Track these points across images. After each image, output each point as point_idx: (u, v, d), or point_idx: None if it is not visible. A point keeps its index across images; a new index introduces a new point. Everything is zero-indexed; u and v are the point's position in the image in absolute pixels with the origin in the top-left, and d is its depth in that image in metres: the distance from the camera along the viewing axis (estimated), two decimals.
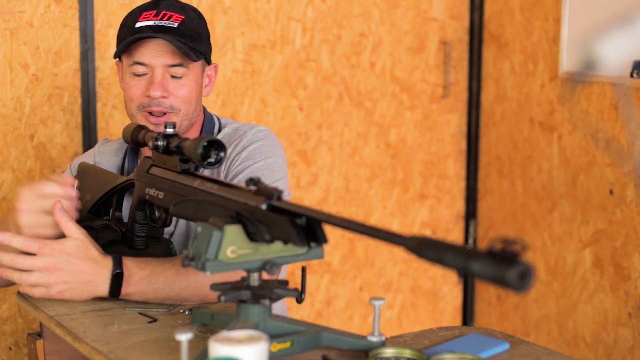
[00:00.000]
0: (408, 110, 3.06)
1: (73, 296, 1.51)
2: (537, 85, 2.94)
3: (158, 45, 1.77)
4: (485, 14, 3.11)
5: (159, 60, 1.77)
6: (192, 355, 1.25)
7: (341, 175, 2.94)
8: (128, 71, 1.80)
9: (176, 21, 1.78)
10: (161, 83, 1.77)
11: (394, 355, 1.30)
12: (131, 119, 1.83)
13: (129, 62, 1.79)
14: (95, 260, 1.51)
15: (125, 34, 1.79)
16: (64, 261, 1.49)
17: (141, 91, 1.79)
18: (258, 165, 1.79)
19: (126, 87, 1.81)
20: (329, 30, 2.83)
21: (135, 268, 1.53)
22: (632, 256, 2.63)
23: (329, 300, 2.97)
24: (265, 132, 1.87)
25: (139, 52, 1.78)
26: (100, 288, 1.51)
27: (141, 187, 1.61)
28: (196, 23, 1.82)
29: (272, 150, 1.83)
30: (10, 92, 2.31)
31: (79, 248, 1.50)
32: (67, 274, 1.49)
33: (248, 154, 1.81)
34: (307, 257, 1.28)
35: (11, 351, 2.38)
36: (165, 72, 1.78)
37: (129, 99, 1.81)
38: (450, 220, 3.22)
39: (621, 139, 2.61)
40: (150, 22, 1.77)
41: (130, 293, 1.53)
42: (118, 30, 1.84)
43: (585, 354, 2.81)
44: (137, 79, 1.79)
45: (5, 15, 2.28)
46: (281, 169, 1.83)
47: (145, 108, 1.78)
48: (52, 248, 1.49)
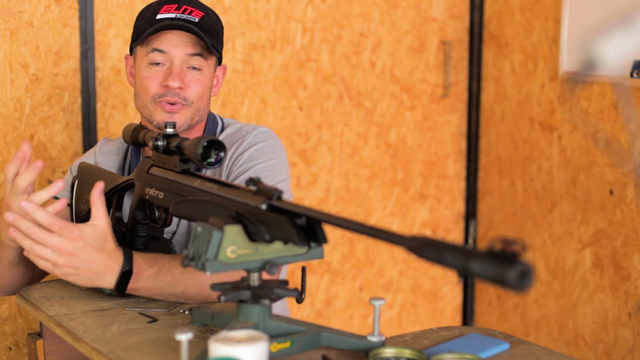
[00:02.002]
0: (408, 110, 3.06)
1: (76, 281, 1.51)
2: (537, 85, 2.94)
3: (179, 36, 1.79)
4: (485, 14, 3.11)
5: (179, 49, 1.78)
6: (192, 355, 1.25)
7: (341, 175, 2.94)
8: (145, 60, 1.80)
9: (197, 16, 1.80)
10: (180, 74, 1.78)
11: (394, 355, 1.30)
12: (143, 111, 1.82)
13: (147, 51, 1.80)
14: (109, 253, 1.50)
15: (144, 25, 1.80)
16: (79, 248, 1.47)
17: (158, 81, 1.79)
18: (260, 167, 1.79)
19: (141, 77, 1.81)
20: (329, 30, 2.83)
21: (144, 265, 1.53)
22: (632, 256, 2.63)
23: (329, 300, 2.97)
24: (268, 133, 1.87)
25: (159, 41, 1.79)
26: (107, 281, 1.51)
27: (141, 187, 1.61)
28: (215, 21, 1.85)
29: (274, 152, 1.83)
30: (10, 92, 2.31)
31: (98, 238, 1.49)
32: (78, 261, 1.48)
33: (250, 155, 1.81)
34: (307, 257, 1.28)
35: (11, 351, 2.38)
36: (183, 64, 1.79)
37: (144, 90, 1.81)
38: (450, 220, 3.22)
39: (621, 139, 2.61)
40: (172, 15, 1.78)
41: (137, 289, 1.54)
42: (135, 21, 1.85)
43: (585, 354, 2.81)
44: (153, 69, 1.80)
45: (5, 15, 2.28)
46: (283, 170, 1.83)
47: (161, 97, 1.79)
48: (72, 232, 1.47)
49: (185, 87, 1.79)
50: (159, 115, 1.79)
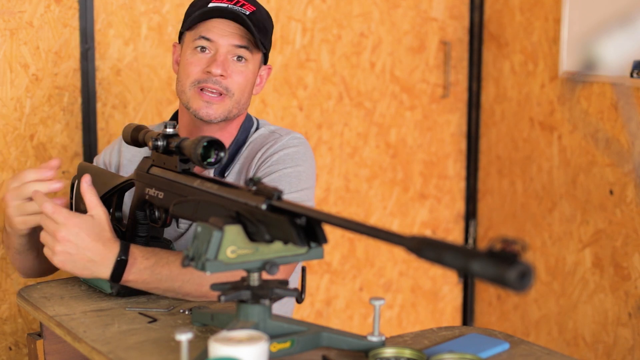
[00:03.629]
0: (408, 110, 3.06)
1: (74, 270, 1.52)
2: (537, 85, 2.94)
3: (228, 26, 1.78)
4: (485, 14, 3.11)
5: (226, 39, 1.78)
6: (192, 355, 1.25)
7: (341, 175, 2.94)
8: (190, 46, 1.80)
9: (249, 10, 1.80)
10: (223, 62, 1.78)
11: (394, 355, 1.30)
12: (181, 96, 1.82)
13: (194, 37, 1.80)
14: (104, 242, 1.51)
15: (196, 11, 1.80)
16: (74, 234, 1.49)
17: (201, 67, 1.79)
18: (287, 172, 1.79)
19: (185, 62, 1.80)
20: (329, 30, 2.83)
21: (140, 257, 1.54)
22: (632, 256, 2.63)
23: (329, 300, 2.97)
24: (300, 139, 1.87)
25: (207, 28, 1.79)
26: (102, 270, 1.52)
27: (141, 187, 1.61)
28: (266, 17, 1.85)
29: (303, 159, 1.83)
30: (10, 92, 2.31)
31: (93, 226, 1.51)
32: (73, 247, 1.49)
33: (279, 158, 1.80)
34: (307, 257, 1.29)
35: (11, 351, 2.38)
36: (228, 54, 1.79)
37: (185, 74, 1.80)
38: (450, 220, 3.22)
39: (621, 139, 2.61)
40: (223, 5, 1.79)
41: (132, 280, 1.54)
42: (188, 8, 1.86)
43: (585, 354, 2.81)
44: (198, 55, 1.79)
45: (5, 15, 2.28)
46: (309, 179, 1.82)
47: (201, 83, 1.78)
48: (67, 218, 1.50)
49: (227, 75, 1.78)
50: (196, 103, 1.79)
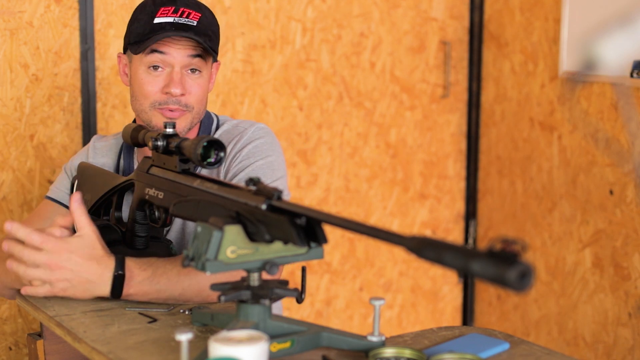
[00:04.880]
0: (408, 110, 3.06)
1: (75, 294, 1.50)
2: (537, 85, 2.94)
3: (179, 40, 1.76)
4: (485, 14, 3.11)
5: (180, 52, 1.76)
6: (192, 355, 1.24)
7: (341, 175, 2.94)
8: (143, 62, 1.77)
9: (194, 19, 1.78)
10: (181, 80, 1.76)
11: (394, 355, 1.30)
12: (141, 115, 1.80)
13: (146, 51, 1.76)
14: (98, 260, 1.49)
15: (141, 27, 1.77)
16: (65, 259, 1.47)
17: (158, 87, 1.77)
18: (259, 164, 1.79)
19: (140, 82, 1.78)
20: (329, 30, 2.83)
21: (137, 269, 1.52)
22: (632, 256, 2.63)
23: (329, 300, 2.97)
24: (265, 129, 1.87)
25: (158, 44, 1.76)
26: (102, 288, 1.50)
27: (141, 187, 1.61)
28: (211, 21, 1.83)
29: (272, 149, 1.84)
30: (10, 92, 2.31)
31: (84, 246, 1.49)
32: (69, 273, 1.47)
33: (249, 152, 1.81)
34: (307, 257, 1.28)
35: (11, 351, 2.38)
36: (183, 68, 1.77)
37: (143, 95, 1.78)
38: (450, 220, 3.22)
39: (621, 139, 2.61)
40: (170, 19, 1.76)
41: (133, 294, 1.52)
42: (130, 23, 1.81)
43: (585, 354, 2.81)
44: (153, 74, 1.77)
45: (5, 15, 2.28)
46: (281, 167, 1.83)
47: (162, 105, 1.77)
48: (55, 244, 1.47)
49: (186, 92, 1.77)
50: (159, 121, 1.78)
